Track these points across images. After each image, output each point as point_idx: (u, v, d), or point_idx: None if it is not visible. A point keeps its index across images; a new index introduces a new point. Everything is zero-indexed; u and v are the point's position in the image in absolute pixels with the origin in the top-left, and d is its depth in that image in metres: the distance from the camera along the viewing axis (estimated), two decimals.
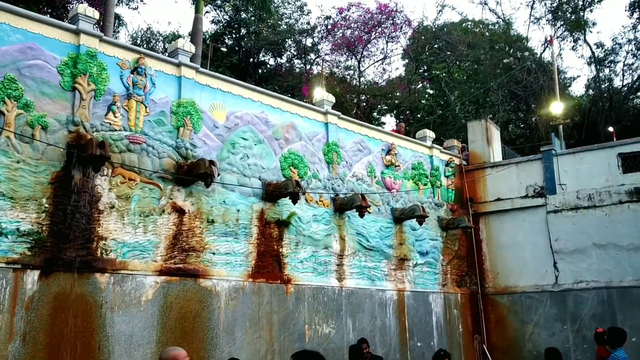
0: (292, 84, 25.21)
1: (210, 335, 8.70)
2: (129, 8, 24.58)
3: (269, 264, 9.83)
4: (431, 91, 28.64)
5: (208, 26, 26.43)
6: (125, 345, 7.70)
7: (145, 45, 25.77)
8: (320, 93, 12.95)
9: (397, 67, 44.55)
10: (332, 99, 12.03)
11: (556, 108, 20.06)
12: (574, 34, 26.81)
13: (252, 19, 25.72)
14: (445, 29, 27.46)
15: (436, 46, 27.45)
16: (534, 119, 26.16)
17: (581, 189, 13.44)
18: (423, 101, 27.61)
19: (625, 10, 26.84)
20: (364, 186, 12.05)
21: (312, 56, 27.10)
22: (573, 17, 26.35)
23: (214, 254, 9.04)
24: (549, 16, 26.84)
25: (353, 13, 25.43)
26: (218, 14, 26.91)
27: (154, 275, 8.20)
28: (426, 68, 28.43)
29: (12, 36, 7.44)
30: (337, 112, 11.93)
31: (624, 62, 27.47)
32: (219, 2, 26.41)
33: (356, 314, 11.14)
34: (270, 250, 9.90)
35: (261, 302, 9.53)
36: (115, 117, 8.27)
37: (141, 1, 22.50)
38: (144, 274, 8.09)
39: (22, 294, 6.90)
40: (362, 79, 27.16)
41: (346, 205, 11.17)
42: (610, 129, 23.76)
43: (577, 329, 13.02)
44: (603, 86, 27.40)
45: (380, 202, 12.34)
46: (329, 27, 25.94)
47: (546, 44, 26.13)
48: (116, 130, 8.23)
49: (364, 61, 26.62)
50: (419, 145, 14.01)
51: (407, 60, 28.51)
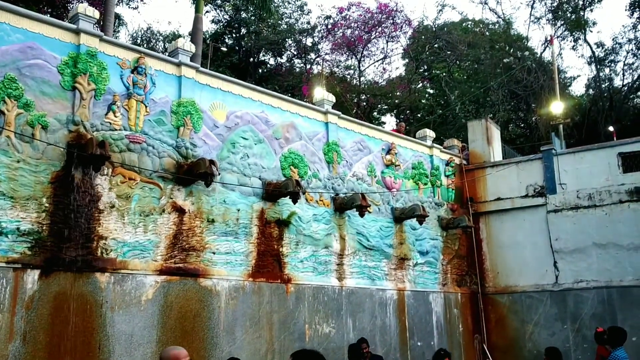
0: (292, 83, 25.21)
1: (211, 335, 8.71)
2: (129, 8, 24.59)
3: (269, 263, 9.84)
4: (431, 91, 28.66)
5: (208, 26, 26.48)
6: (125, 344, 7.70)
7: (145, 45, 25.76)
8: (320, 93, 12.95)
9: (397, 67, 44.58)
10: (332, 98, 12.02)
11: (556, 108, 20.07)
12: (574, 33, 26.81)
13: (252, 18, 25.72)
14: (446, 28, 27.47)
15: (436, 46, 27.46)
16: (534, 118, 26.16)
17: (581, 188, 13.43)
18: (423, 101, 27.62)
19: (626, 10, 26.88)
20: (364, 186, 12.06)
21: (312, 56, 27.11)
22: (573, 16, 26.36)
23: (214, 253, 9.04)
24: (549, 16, 26.86)
25: (353, 12, 25.46)
26: (218, 13, 26.94)
27: (154, 274, 8.21)
28: (426, 68, 28.45)
29: (13, 36, 7.44)
30: (337, 112, 11.93)
31: (624, 62, 27.53)
32: (219, 2, 26.42)
33: (356, 313, 11.14)
34: (270, 250, 9.90)
35: (261, 301, 9.54)
36: (116, 116, 8.27)
37: (141, 1, 22.53)
38: (144, 273, 8.09)
39: (22, 293, 6.90)
40: (362, 78, 27.18)
41: (346, 204, 11.17)
42: (611, 128, 23.76)
43: (577, 328, 13.02)
44: (603, 86, 27.41)
45: (380, 201, 12.34)
46: (329, 26, 25.94)
47: (546, 44, 26.15)
48: (116, 130, 8.24)
49: (364, 61, 26.65)
50: (419, 144, 14.01)
51: (407, 60, 28.51)
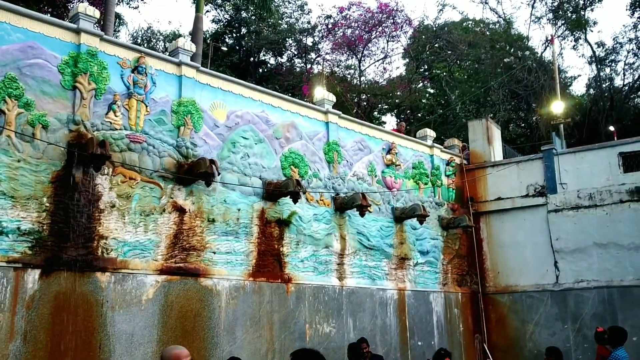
0: (293, 83, 25.21)
1: (211, 335, 8.71)
2: (129, 7, 24.60)
3: (269, 263, 9.83)
4: (432, 90, 28.65)
5: (208, 25, 26.48)
6: (126, 344, 7.71)
7: (145, 45, 25.76)
8: (320, 92, 12.95)
9: (398, 67, 44.64)
10: (332, 98, 12.02)
11: (557, 107, 20.07)
12: (574, 33, 26.80)
13: (253, 18, 25.73)
14: (446, 28, 27.47)
15: (437, 45, 27.45)
16: (534, 118, 26.15)
17: (582, 188, 13.43)
18: (424, 100, 27.61)
19: (626, 10, 26.87)
20: (364, 185, 12.05)
21: (313, 55, 27.10)
22: (574, 16, 26.35)
23: (214, 253, 9.04)
24: (550, 15, 26.85)
25: (354, 12, 25.46)
26: (219, 13, 26.95)
27: (154, 274, 8.21)
28: (427, 67, 28.45)
29: (13, 35, 7.44)
30: (338, 112, 11.92)
31: (624, 61, 27.48)
32: (219, 2, 26.43)
33: (357, 313, 11.14)
34: (270, 250, 9.90)
35: (262, 301, 9.54)
36: (116, 116, 8.27)
37: (142, 0, 22.53)
38: (144, 273, 8.10)
39: (23, 293, 6.91)
40: (362, 78, 27.17)
41: (347, 204, 11.17)
42: (611, 128, 23.73)
43: (577, 328, 13.02)
44: (604, 85, 27.39)
45: (380, 201, 12.34)
46: (330, 26, 25.94)
47: (547, 43, 26.15)
48: (117, 129, 8.24)
49: (364, 60, 26.65)
50: (419, 144, 14.01)
51: (407, 60, 28.50)
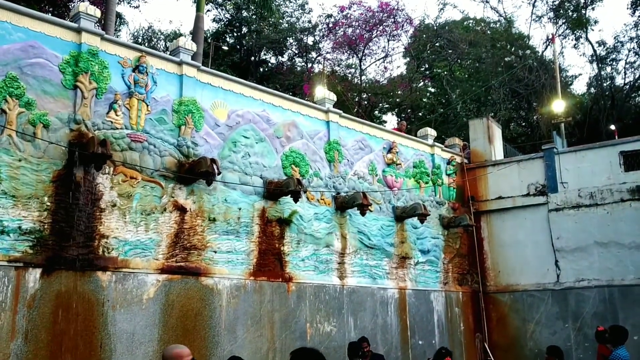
0: (294, 82, 25.19)
1: (212, 334, 8.72)
2: (130, 6, 24.55)
3: (270, 262, 9.84)
4: (432, 89, 28.64)
5: (209, 25, 26.45)
6: (127, 343, 7.71)
7: (146, 44, 25.76)
8: (321, 91, 12.93)
9: (399, 66, 44.46)
10: (333, 97, 12.02)
11: (558, 106, 20.03)
12: (575, 32, 26.78)
13: (254, 17, 25.71)
14: (447, 27, 27.46)
15: (437, 44, 27.45)
16: (535, 117, 26.13)
17: (583, 187, 13.42)
18: (424, 99, 27.60)
19: (627, 9, 26.81)
20: (365, 184, 12.06)
21: (314, 54, 27.09)
22: (575, 15, 26.34)
23: (215, 252, 9.05)
24: (551, 14, 26.85)
25: (354, 11, 25.44)
26: (219, 12, 26.92)
27: (155, 273, 8.22)
28: (427, 66, 28.45)
29: (14, 34, 7.45)
30: (339, 111, 11.92)
31: (625, 60, 27.46)
32: (220, 1, 26.40)
33: (357, 312, 11.15)
34: (271, 249, 9.91)
35: (262, 300, 9.55)
36: (117, 115, 8.28)
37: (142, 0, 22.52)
38: (145, 272, 8.10)
39: (24, 292, 6.92)
40: (363, 77, 27.15)
41: (347, 203, 11.17)
42: (612, 127, 23.68)
43: (578, 327, 13.02)
44: (605, 84, 27.37)
45: (381, 200, 12.34)
46: (330, 25, 25.92)
47: (548, 42, 26.11)
48: (118, 129, 8.24)
49: (365, 59, 26.63)
50: (420, 143, 14.00)
51: (408, 59, 28.49)
